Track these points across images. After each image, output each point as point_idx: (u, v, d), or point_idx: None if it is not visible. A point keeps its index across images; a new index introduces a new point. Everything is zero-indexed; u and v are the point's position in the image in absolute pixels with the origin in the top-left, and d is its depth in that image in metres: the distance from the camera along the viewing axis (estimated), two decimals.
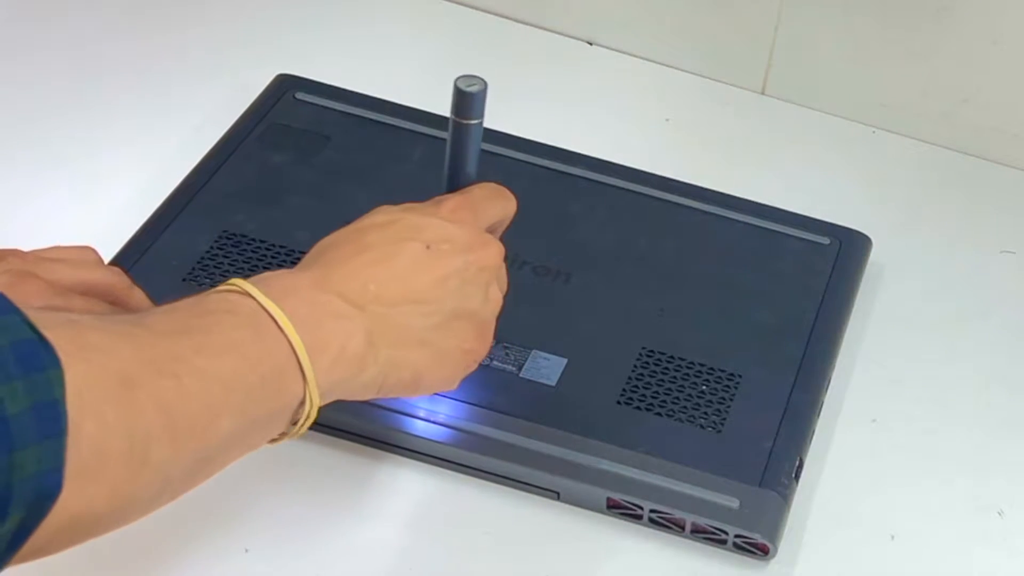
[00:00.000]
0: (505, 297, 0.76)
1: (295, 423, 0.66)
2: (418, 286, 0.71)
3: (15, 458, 0.51)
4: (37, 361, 0.53)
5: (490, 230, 0.77)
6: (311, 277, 0.68)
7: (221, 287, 0.66)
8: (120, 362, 0.57)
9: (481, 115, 0.77)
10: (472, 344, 0.74)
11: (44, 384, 0.53)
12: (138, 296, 0.77)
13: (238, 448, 0.64)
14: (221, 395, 0.61)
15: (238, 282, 0.66)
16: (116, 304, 0.75)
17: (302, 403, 0.65)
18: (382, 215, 0.74)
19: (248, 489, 0.81)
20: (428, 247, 0.72)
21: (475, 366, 0.75)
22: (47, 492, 0.53)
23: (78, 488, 0.54)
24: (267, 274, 0.68)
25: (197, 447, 0.60)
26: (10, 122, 1.00)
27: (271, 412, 0.64)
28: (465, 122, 0.77)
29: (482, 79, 0.76)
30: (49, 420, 0.53)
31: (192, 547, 0.78)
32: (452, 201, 0.75)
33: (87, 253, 0.77)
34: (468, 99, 0.77)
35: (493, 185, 0.78)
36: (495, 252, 0.75)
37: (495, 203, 0.78)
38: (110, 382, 0.56)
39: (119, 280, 0.76)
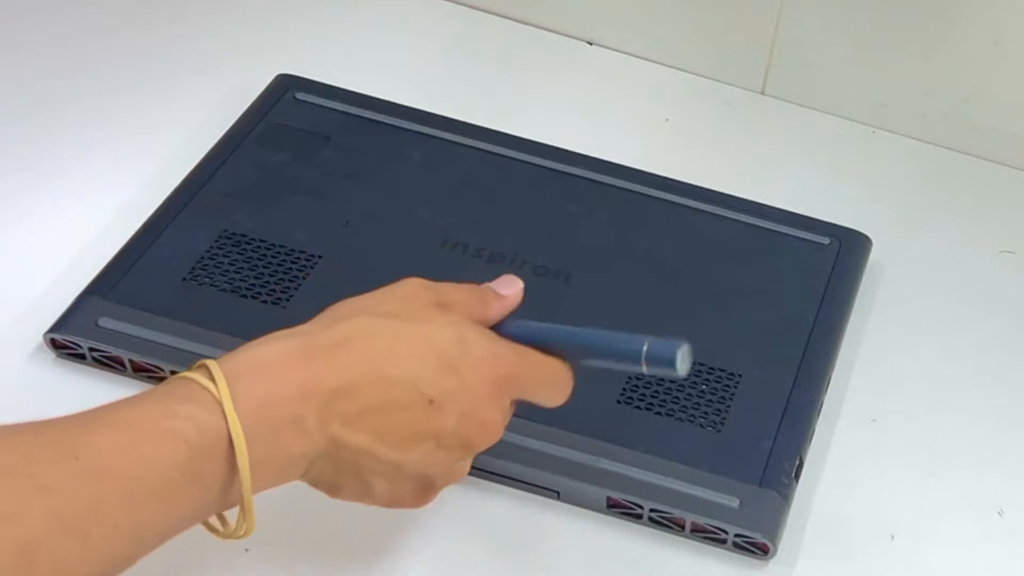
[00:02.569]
0: None
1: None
2: (396, 433, 0.65)
3: None
4: None
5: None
6: (304, 380, 0.63)
7: (193, 374, 0.62)
8: (25, 530, 0.55)
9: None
10: (408, 498, 0.70)
11: None
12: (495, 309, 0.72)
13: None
14: (127, 549, 0.59)
15: (206, 376, 0.62)
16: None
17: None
18: (424, 317, 0.67)
19: None
20: (431, 403, 0.66)
21: (398, 508, 0.71)
22: None
23: None
24: (269, 352, 0.64)
25: None
26: (9, 121, 1.00)
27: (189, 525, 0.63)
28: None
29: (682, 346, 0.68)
30: None
31: (192, 547, 0.78)
32: (505, 361, 0.68)
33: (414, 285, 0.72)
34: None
35: (563, 367, 0.70)
36: (492, 435, 0.69)
37: (545, 389, 0.71)
38: (9, 555, 0.55)
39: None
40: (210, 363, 0.63)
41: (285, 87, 1.02)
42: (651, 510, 0.80)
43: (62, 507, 0.57)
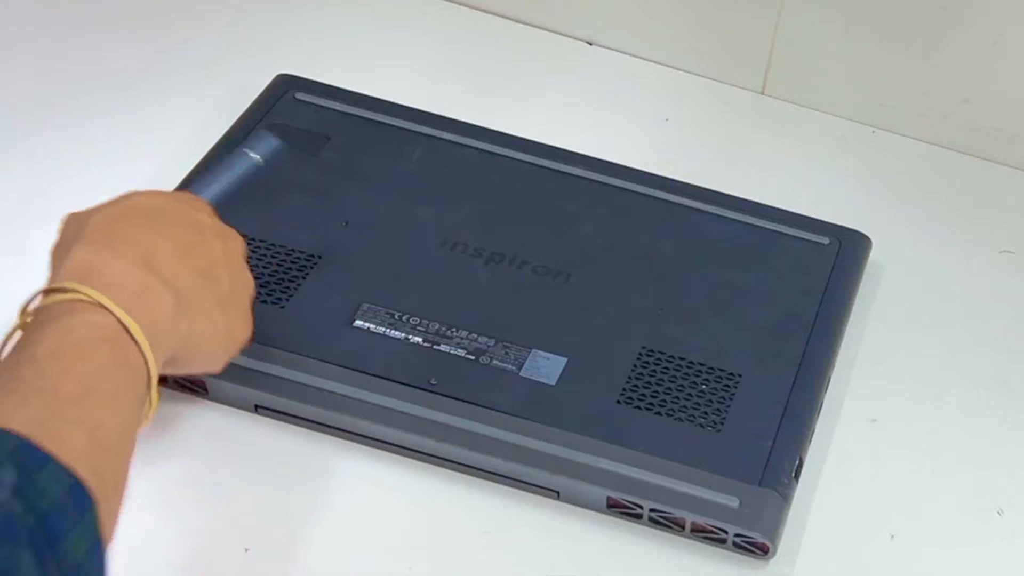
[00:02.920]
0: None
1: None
2: (200, 263, 0.76)
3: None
4: (82, 504, 0.60)
5: None
6: (123, 255, 0.71)
7: (61, 297, 0.69)
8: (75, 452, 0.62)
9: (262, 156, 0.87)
10: (238, 325, 0.78)
11: (90, 525, 0.60)
12: None
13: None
14: (118, 434, 0.66)
15: (84, 294, 0.68)
16: None
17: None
18: (142, 197, 0.77)
19: (248, 489, 0.81)
20: (201, 232, 0.77)
21: (237, 352, 0.79)
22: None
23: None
24: (80, 253, 0.71)
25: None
26: (9, 122, 1.00)
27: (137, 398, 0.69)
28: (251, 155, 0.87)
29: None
30: (100, 558, 0.60)
31: (192, 547, 0.78)
32: (188, 195, 0.82)
33: None
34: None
35: None
36: (242, 243, 0.81)
37: None
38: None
39: None
40: (56, 285, 0.69)
41: (285, 87, 1.02)
42: (651, 510, 0.80)
43: (88, 426, 0.64)
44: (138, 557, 0.77)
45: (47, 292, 0.69)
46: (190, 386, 0.85)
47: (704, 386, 0.85)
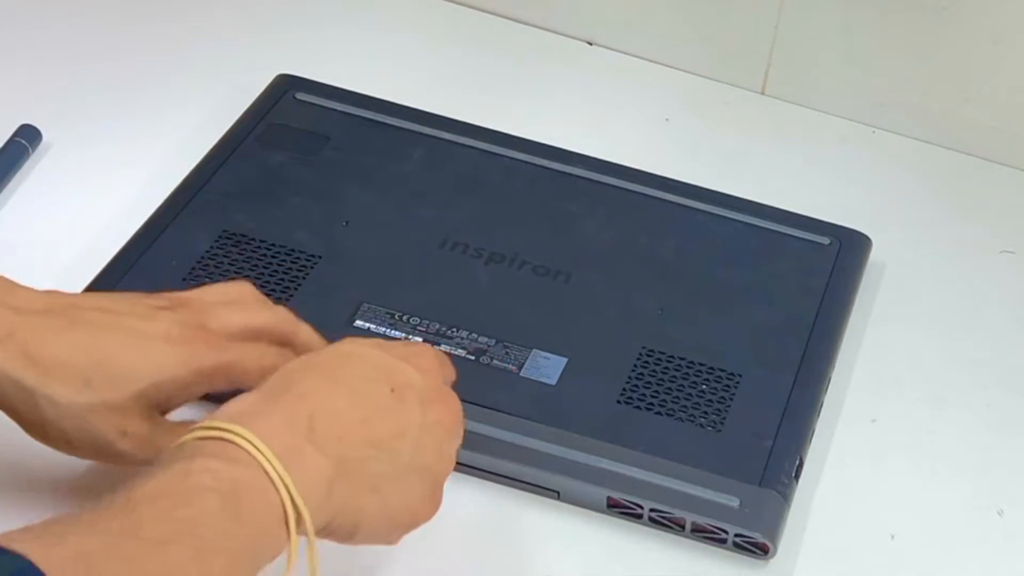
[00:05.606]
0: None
1: None
2: (380, 431, 0.69)
3: None
4: None
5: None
6: (282, 414, 0.66)
7: (203, 433, 0.64)
8: None
9: None
10: (420, 504, 0.71)
11: None
12: (305, 332, 0.77)
13: None
14: None
15: (226, 430, 0.63)
16: (284, 343, 0.76)
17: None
18: (348, 347, 0.72)
19: None
20: (393, 390, 0.70)
21: (416, 528, 0.72)
22: None
23: None
24: (237, 405, 0.66)
25: None
26: (9, 121, 1.00)
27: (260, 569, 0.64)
28: None
29: None
30: None
31: None
32: (418, 347, 0.74)
33: (246, 290, 0.78)
34: None
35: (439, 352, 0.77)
36: (456, 408, 0.73)
37: (449, 365, 0.77)
38: None
39: (284, 319, 0.77)
40: (205, 423, 0.64)
41: (285, 87, 1.02)
42: (651, 510, 0.80)
43: (152, 569, 0.58)
44: None
45: (199, 428, 0.64)
46: None
47: (704, 386, 0.85)
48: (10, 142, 0.98)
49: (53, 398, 0.70)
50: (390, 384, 0.70)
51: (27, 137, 0.98)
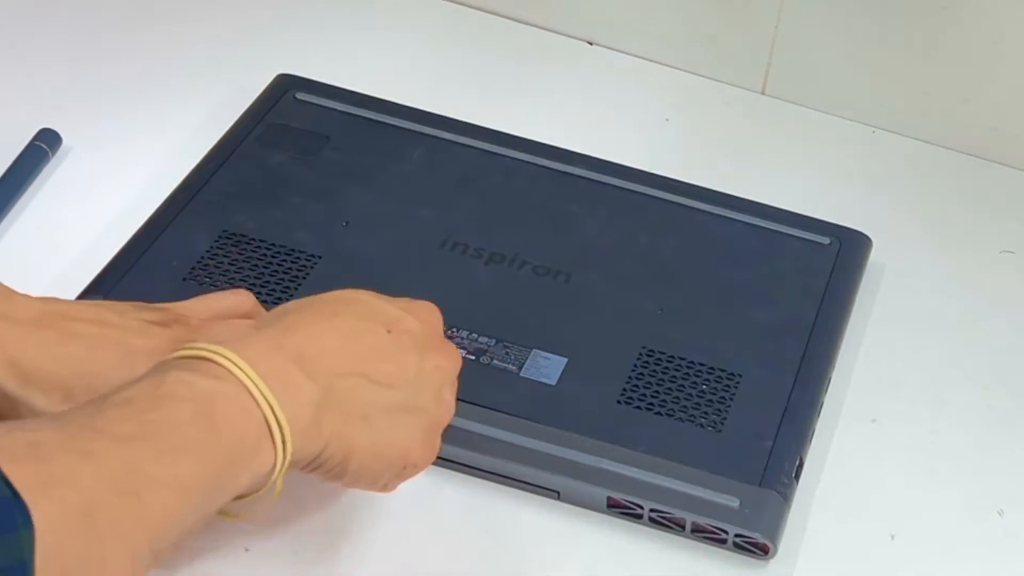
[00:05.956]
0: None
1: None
2: (374, 366, 0.69)
3: None
4: (10, 522, 0.53)
5: None
6: (269, 340, 0.66)
7: (184, 352, 0.64)
8: (82, 493, 0.56)
9: None
10: (414, 444, 0.71)
11: (14, 545, 0.53)
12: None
13: (190, 533, 0.63)
14: (179, 502, 0.60)
15: (207, 349, 0.64)
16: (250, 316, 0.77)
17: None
18: (348, 292, 0.73)
19: None
20: (390, 331, 0.71)
21: (408, 476, 0.72)
22: None
23: None
24: (224, 331, 0.67)
25: (153, 553, 0.60)
26: (9, 120, 1.00)
27: (231, 496, 0.64)
28: None
29: None
30: None
31: (192, 547, 0.78)
32: (420, 302, 0.75)
33: (244, 301, 0.79)
34: None
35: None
36: (454, 358, 0.74)
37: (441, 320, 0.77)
38: (74, 520, 0.56)
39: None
40: (188, 344, 0.65)
41: (285, 87, 1.02)
42: (651, 510, 0.80)
43: (107, 470, 0.58)
44: None
45: (181, 348, 0.65)
46: None
47: (704, 386, 0.85)
48: (30, 146, 0.98)
49: (34, 407, 0.70)
50: (387, 327, 0.71)
51: (47, 141, 0.99)
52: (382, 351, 0.70)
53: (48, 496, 0.55)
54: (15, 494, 0.54)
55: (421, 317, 0.73)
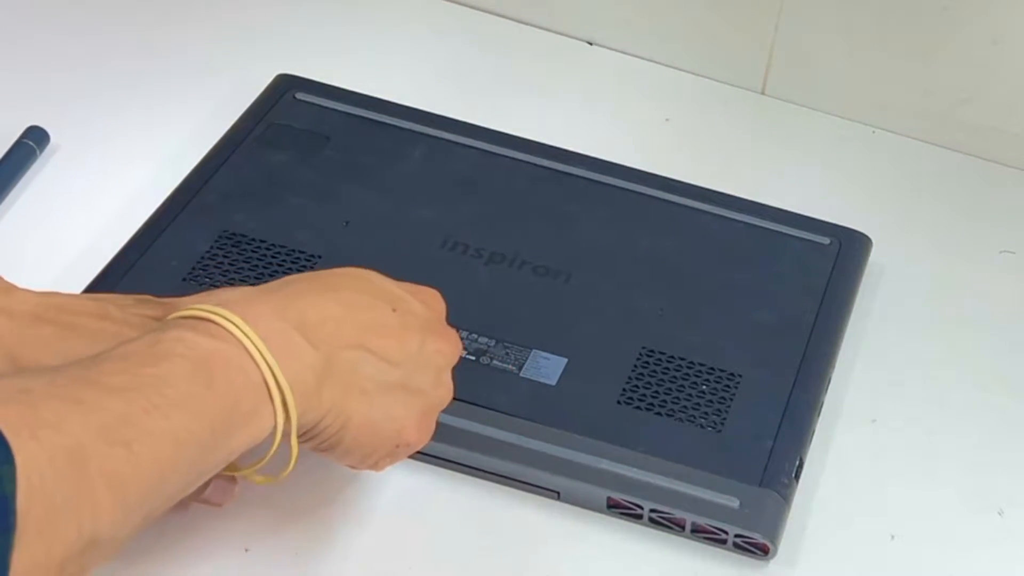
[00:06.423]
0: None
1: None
2: (376, 340, 0.69)
3: None
4: None
5: None
6: (272, 303, 0.66)
7: (185, 312, 0.64)
8: (70, 437, 0.56)
9: None
10: (410, 424, 0.71)
11: None
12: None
13: (185, 492, 0.63)
14: (172, 455, 0.60)
15: (207, 310, 0.64)
16: None
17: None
18: (355, 269, 0.73)
19: (248, 489, 0.81)
20: (394, 310, 0.71)
21: (401, 457, 0.73)
22: None
23: (23, 572, 0.54)
24: (226, 294, 0.67)
25: (145, 509, 0.60)
26: (9, 120, 1.00)
27: (226, 457, 0.64)
28: None
29: None
30: None
31: (192, 547, 0.78)
32: (426, 288, 0.75)
33: None
34: None
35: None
36: (456, 343, 0.75)
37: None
38: (60, 461, 0.56)
39: None
40: (189, 305, 0.65)
41: (285, 87, 1.02)
42: (651, 510, 0.80)
43: (96, 418, 0.58)
44: (139, 556, 0.77)
45: (182, 309, 0.65)
46: None
47: (704, 386, 0.85)
48: (18, 144, 0.98)
49: None
50: (392, 306, 0.71)
51: (35, 139, 0.99)
52: (385, 327, 0.70)
53: (36, 437, 0.55)
54: None
55: (425, 300, 0.74)
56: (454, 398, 0.79)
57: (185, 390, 0.61)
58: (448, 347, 0.74)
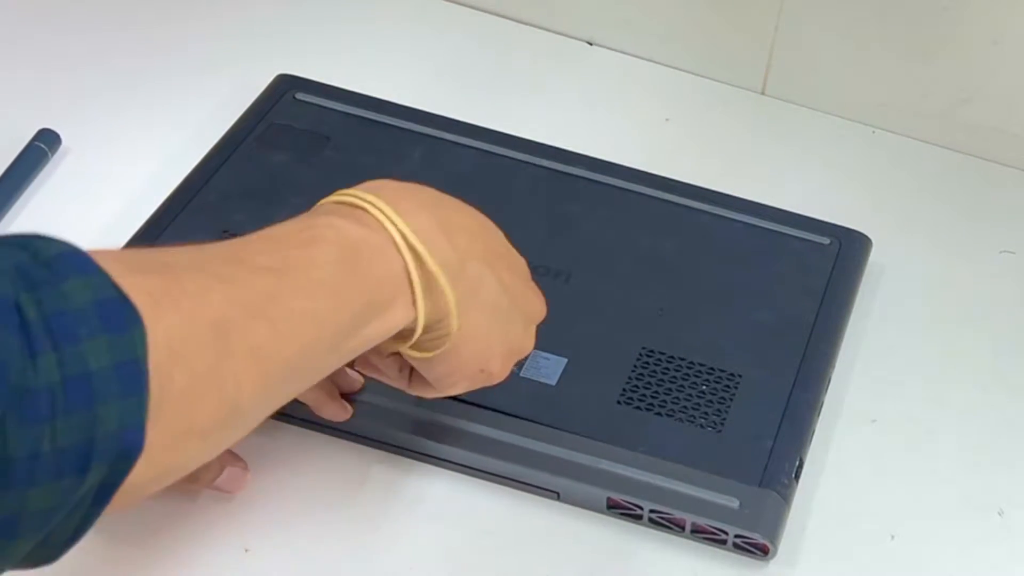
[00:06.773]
0: None
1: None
2: (501, 265, 0.72)
3: (97, 412, 0.52)
4: (119, 320, 0.53)
5: None
6: (420, 199, 0.68)
7: (338, 198, 0.67)
8: (212, 308, 0.57)
9: None
10: (497, 356, 0.73)
11: (126, 343, 0.53)
12: None
13: (314, 381, 0.65)
14: (313, 336, 0.62)
15: (361, 198, 0.66)
16: None
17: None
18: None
19: (248, 489, 0.81)
20: (511, 254, 0.74)
21: (477, 384, 0.75)
22: (128, 450, 0.53)
23: (168, 440, 0.55)
24: (378, 184, 0.69)
25: (286, 387, 0.61)
26: (9, 120, 1.00)
27: (359, 346, 0.65)
28: None
29: None
30: (130, 379, 0.53)
31: (192, 547, 0.78)
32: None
33: None
34: None
35: None
36: (544, 304, 0.77)
37: None
38: (201, 330, 0.56)
39: None
40: (343, 191, 0.68)
41: (285, 87, 1.02)
42: (651, 510, 0.80)
43: (241, 294, 0.59)
44: (139, 556, 0.77)
45: (335, 194, 0.67)
46: None
47: (704, 386, 0.85)
48: (29, 146, 0.98)
49: None
50: (507, 246, 0.74)
51: (46, 141, 0.99)
52: (508, 258, 0.73)
53: (177, 306, 0.56)
54: (123, 297, 0.54)
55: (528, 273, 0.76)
56: (454, 398, 0.79)
57: (331, 274, 0.63)
58: (541, 304, 0.77)
